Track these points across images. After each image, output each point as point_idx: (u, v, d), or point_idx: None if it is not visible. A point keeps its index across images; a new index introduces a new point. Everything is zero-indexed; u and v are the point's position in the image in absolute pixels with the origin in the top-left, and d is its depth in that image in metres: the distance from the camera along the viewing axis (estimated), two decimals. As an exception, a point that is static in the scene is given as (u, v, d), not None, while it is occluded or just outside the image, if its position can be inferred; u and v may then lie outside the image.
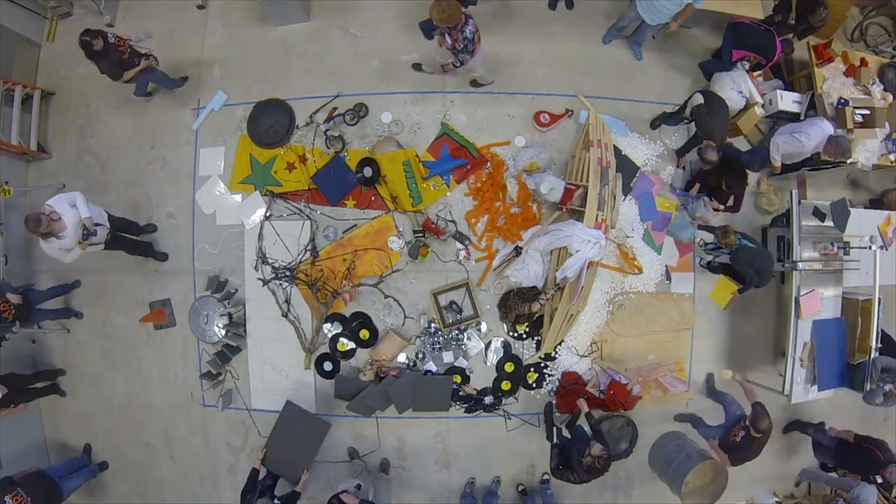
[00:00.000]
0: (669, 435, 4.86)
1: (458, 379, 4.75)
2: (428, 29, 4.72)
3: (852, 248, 4.73)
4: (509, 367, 4.81)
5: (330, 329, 4.80)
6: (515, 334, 4.85)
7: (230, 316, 4.68)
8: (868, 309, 4.76)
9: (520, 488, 4.94)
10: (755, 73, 4.88)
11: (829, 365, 4.72)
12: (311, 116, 4.86)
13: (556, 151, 4.90)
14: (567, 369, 4.87)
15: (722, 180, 4.43)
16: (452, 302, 4.72)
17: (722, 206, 4.60)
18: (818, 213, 4.77)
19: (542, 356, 4.80)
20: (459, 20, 3.69)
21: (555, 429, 4.10)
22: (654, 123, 5.06)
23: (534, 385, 4.88)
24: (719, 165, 4.36)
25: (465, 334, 4.80)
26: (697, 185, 4.72)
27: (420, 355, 4.81)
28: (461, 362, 4.81)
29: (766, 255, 4.42)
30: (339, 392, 4.68)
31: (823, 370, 4.69)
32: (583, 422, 4.23)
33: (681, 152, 5.03)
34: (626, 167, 4.96)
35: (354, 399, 4.60)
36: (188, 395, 5.05)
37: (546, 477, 4.88)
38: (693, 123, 4.56)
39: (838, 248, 4.69)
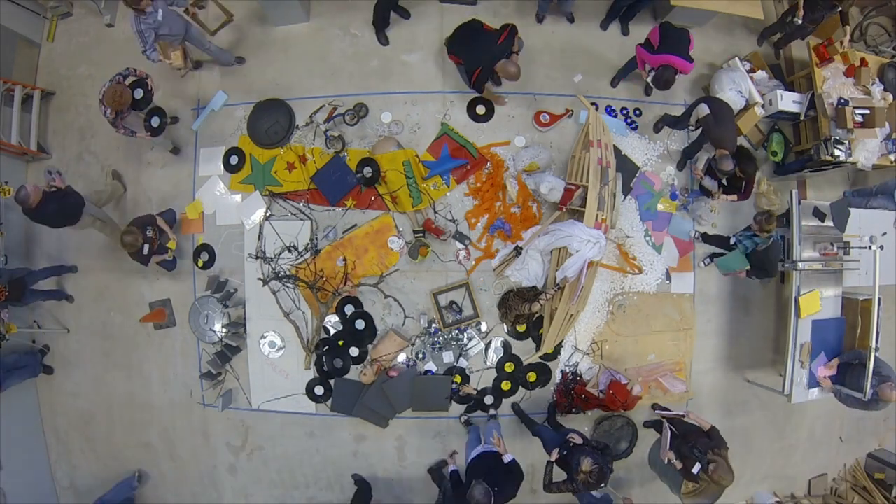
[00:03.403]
0: (669, 435, 4.87)
1: (458, 379, 4.75)
2: None
3: (852, 248, 4.73)
4: (509, 367, 4.81)
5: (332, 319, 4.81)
6: (515, 334, 4.85)
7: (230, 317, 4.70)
8: (868, 309, 4.75)
9: (462, 419, 4.84)
10: None
11: (829, 365, 4.70)
12: (311, 116, 4.86)
13: (556, 151, 4.90)
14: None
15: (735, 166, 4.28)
16: (452, 302, 4.72)
17: (735, 197, 4.54)
18: (818, 213, 4.77)
19: (542, 356, 4.79)
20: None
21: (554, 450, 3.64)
22: (658, 126, 5.04)
23: (534, 385, 4.87)
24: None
25: (465, 334, 4.81)
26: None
27: (420, 355, 4.81)
28: (461, 362, 4.82)
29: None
30: (336, 403, 4.74)
31: (823, 370, 4.68)
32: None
33: (688, 153, 4.93)
34: (626, 167, 4.96)
35: (357, 404, 4.62)
36: (188, 394, 5.05)
37: (493, 412, 4.81)
38: (698, 131, 4.47)
39: (838, 248, 4.69)
